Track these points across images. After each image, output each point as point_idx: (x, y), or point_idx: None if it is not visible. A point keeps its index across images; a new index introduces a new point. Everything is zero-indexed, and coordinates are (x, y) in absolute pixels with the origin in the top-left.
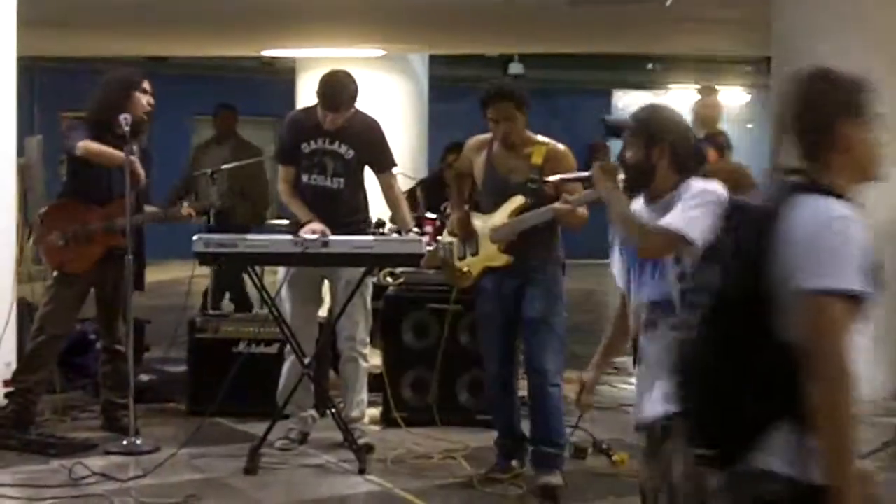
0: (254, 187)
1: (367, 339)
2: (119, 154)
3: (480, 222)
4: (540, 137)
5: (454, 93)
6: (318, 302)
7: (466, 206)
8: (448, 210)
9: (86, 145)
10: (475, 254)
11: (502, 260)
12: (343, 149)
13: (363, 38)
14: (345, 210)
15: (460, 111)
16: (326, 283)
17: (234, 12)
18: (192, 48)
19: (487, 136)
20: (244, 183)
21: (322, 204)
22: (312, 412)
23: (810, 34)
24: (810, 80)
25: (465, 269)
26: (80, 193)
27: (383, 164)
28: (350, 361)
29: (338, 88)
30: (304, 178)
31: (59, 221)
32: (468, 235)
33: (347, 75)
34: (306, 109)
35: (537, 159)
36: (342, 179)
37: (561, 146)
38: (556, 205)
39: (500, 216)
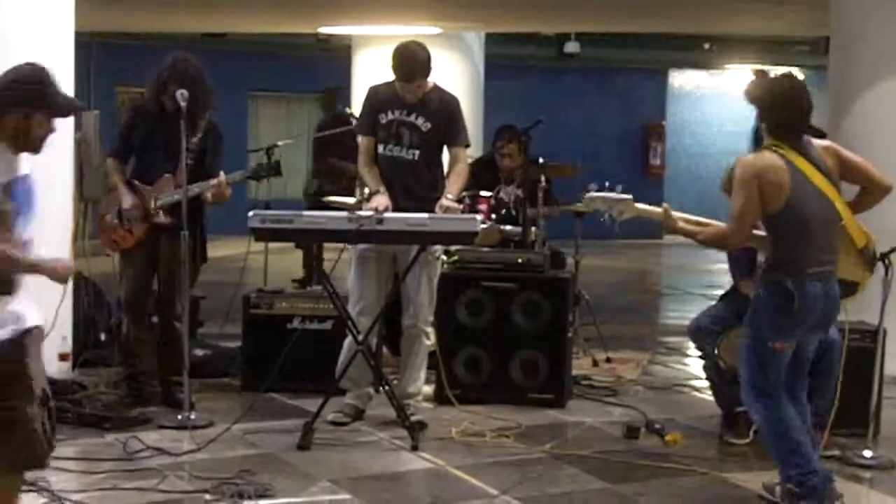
0: None
1: (431, 318)
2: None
3: None
4: None
5: (510, 71)
6: (391, 278)
7: None
8: (501, 194)
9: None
10: None
11: None
12: (420, 121)
13: (419, 16)
14: (422, 184)
15: (516, 90)
16: None
17: None
18: (250, 25)
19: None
20: None
21: (397, 175)
22: (369, 389)
23: (869, 14)
24: None
25: None
26: (135, 173)
27: (457, 139)
28: (414, 338)
29: (410, 58)
30: (381, 148)
31: (114, 202)
32: None
33: (419, 45)
34: (388, 82)
35: None
36: (417, 151)
37: None
38: None
39: None
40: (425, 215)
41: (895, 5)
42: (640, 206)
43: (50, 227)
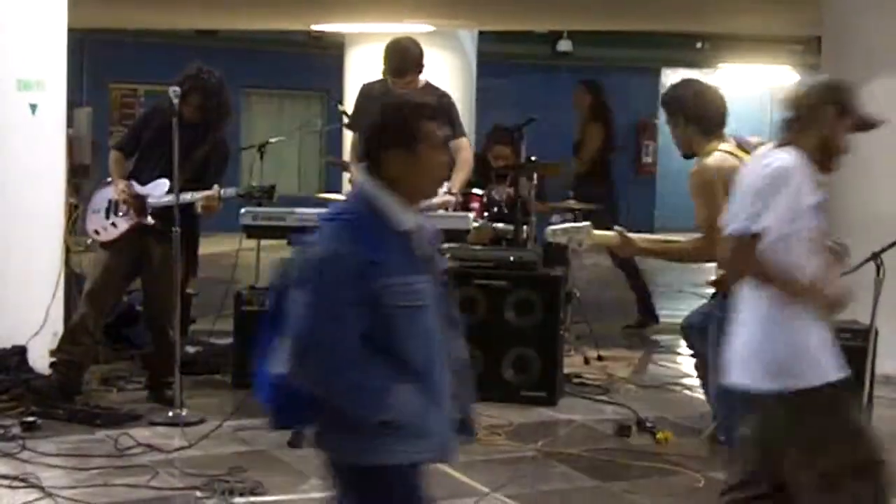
0: None
1: None
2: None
3: None
4: None
5: (503, 69)
6: None
7: None
8: (493, 193)
9: None
10: None
11: None
12: None
13: (412, 14)
14: None
15: (508, 88)
16: None
17: None
18: (242, 22)
19: None
20: None
21: None
22: None
23: (861, 13)
24: None
25: None
26: (133, 173)
27: (455, 130)
28: None
29: (402, 53)
30: None
31: (106, 193)
32: None
33: (410, 40)
34: (380, 80)
35: None
36: None
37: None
38: None
39: None
40: None
41: (886, 3)
42: (597, 233)
43: (40, 224)
